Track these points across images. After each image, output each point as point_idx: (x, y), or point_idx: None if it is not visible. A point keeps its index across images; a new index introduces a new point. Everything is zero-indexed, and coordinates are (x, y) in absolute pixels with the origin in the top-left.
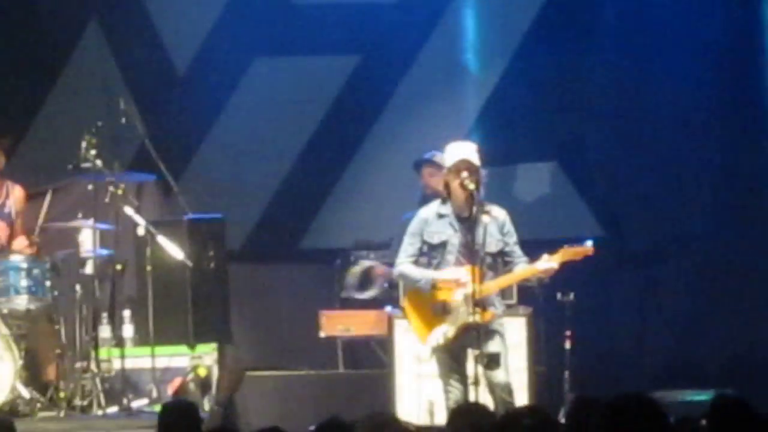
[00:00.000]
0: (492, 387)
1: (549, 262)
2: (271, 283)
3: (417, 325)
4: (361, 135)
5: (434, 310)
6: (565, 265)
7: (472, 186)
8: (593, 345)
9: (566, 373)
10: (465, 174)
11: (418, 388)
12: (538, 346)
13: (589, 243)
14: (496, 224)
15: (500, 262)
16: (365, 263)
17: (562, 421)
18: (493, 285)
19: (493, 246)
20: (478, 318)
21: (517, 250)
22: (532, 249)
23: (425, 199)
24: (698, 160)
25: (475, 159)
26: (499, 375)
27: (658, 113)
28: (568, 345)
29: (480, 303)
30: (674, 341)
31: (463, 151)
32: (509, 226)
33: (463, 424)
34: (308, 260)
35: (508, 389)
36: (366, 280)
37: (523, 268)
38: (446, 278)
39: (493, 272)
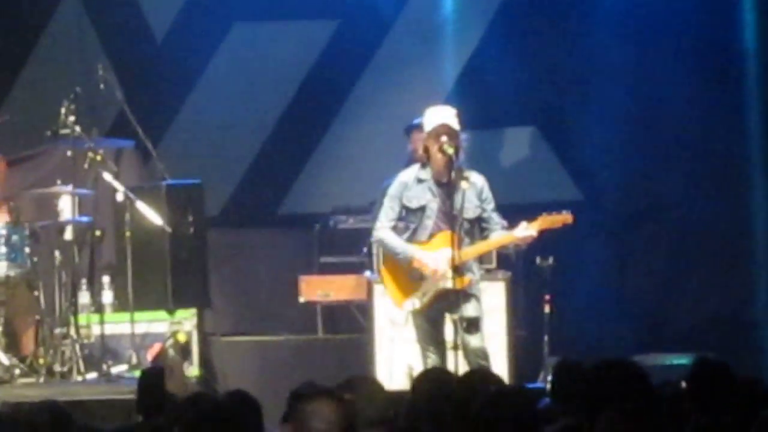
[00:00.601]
0: (467, 352)
1: (527, 230)
2: (250, 248)
3: (393, 290)
4: (339, 100)
5: (411, 275)
6: (543, 233)
7: (451, 150)
8: (572, 309)
9: (545, 338)
10: (444, 138)
11: (398, 353)
12: (517, 311)
13: (568, 212)
14: (475, 190)
15: (477, 228)
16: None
17: (542, 385)
18: (471, 251)
19: (470, 212)
20: (455, 283)
21: (495, 217)
22: (511, 213)
23: (413, 164)
24: (676, 129)
25: (455, 123)
26: (475, 340)
27: (637, 81)
28: (547, 309)
29: (458, 269)
30: (653, 305)
31: (442, 115)
32: (487, 193)
33: (425, 389)
34: (287, 225)
35: (483, 354)
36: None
37: (502, 235)
38: (424, 263)
39: (470, 238)
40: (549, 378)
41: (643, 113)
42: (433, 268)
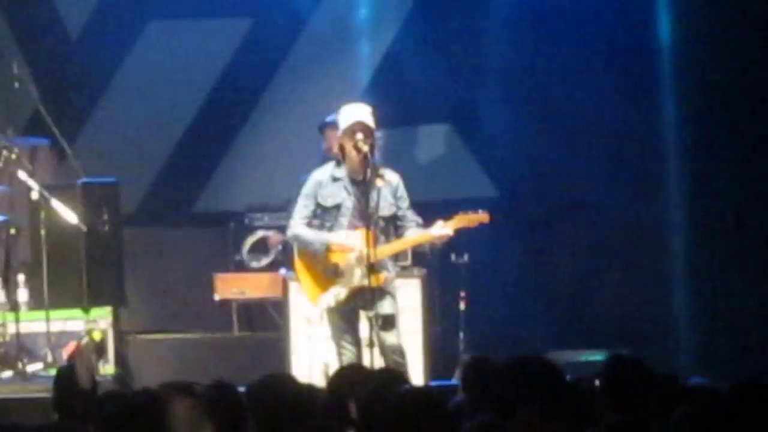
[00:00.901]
0: (384, 349)
1: (444, 228)
2: (165, 246)
3: (308, 287)
4: (255, 97)
5: (326, 272)
6: (459, 231)
7: (366, 148)
8: (488, 306)
9: (461, 335)
10: (359, 136)
11: (313, 350)
12: (433, 308)
13: (485, 212)
14: (390, 188)
15: (392, 226)
16: (259, 234)
17: (456, 381)
18: (387, 249)
19: (386, 210)
20: (371, 281)
21: (410, 215)
22: (427, 211)
23: (327, 162)
24: (592, 125)
25: (370, 121)
26: (391, 337)
27: (552, 77)
28: (462, 306)
29: (373, 266)
30: (569, 302)
31: (357, 112)
32: (402, 191)
33: (341, 384)
34: (202, 223)
35: (400, 351)
36: (260, 248)
37: (418, 234)
38: (340, 242)
39: (385, 236)
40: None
41: (557, 110)
42: (351, 245)
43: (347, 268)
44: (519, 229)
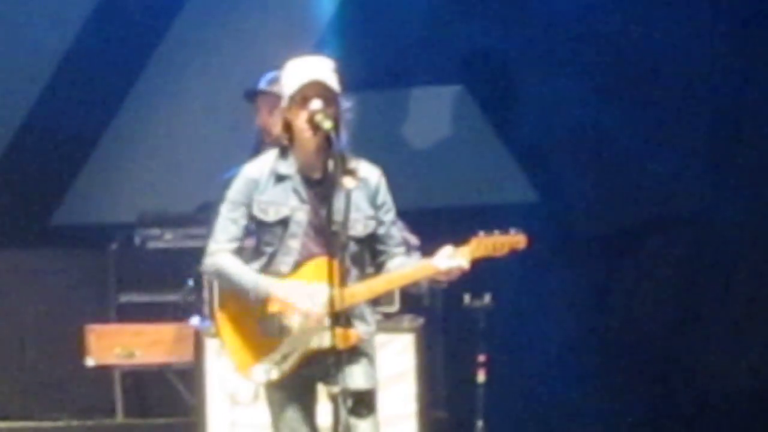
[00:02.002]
0: None
1: (454, 259)
2: (7, 280)
3: (237, 348)
4: (146, 48)
5: (265, 326)
6: (478, 263)
7: (327, 124)
8: (521, 378)
9: (479, 423)
10: (316, 105)
11: None
12: (435, 379)
13: (520, 232)
14: (366, 191)
15: (369, 250)
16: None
17: None
18: (362, 291)
19: (360, 226)
20: (336, 340)
21: (395, 233)
22: (425, 222)
23: (264, 149)
24: (692, 105)
25: (333, 81)
26: (365, 425)
27: (631, 31)
28: (482, 377)
29: (341, 317)
30: (651, 370)
31: (311, 69)
32: (385, 195)
33: None
34: (64, 244)
35: None
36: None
37: (412, 266)
38: (290, 301)
39: (359, 267)
40: None
41: (640, 81)
42: (304, 309)
43: (298, 322)
44: (572, 256)
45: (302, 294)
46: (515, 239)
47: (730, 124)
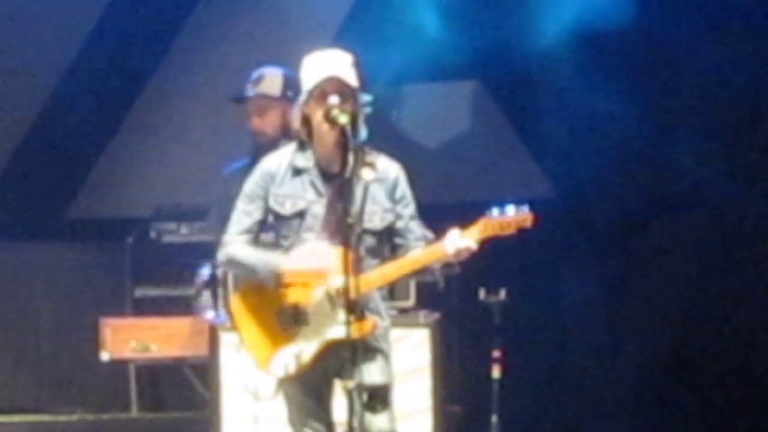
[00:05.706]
0: None
1: (462, 239)
2: (23, 274)
3: (254, 343)
4: (161, 47)
5: (282, 318)
6: (487, 243)
7: (343, 119)
8: (537, 373)
9: (494, 418)
10: (334, 100)
11: None
12: (450, 374)
13: (525, 209)
14: (385, 185)
15: (387, 244)
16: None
17: None
18: (377, 277)
19: (377, 219)
20: (352, 330)
21: (415, 228)
22: (440, 217)
23: (260, 151)
24: (709, 90)
25: (350, 77)
26: (380, 420)
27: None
28: (497, 372)
29: (356, 306)
30: (671, 365)
31: (329, 65)
32: (404, 189)
33: None
34: (80, 238)
35: None
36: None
37: (424, 251)
38: (301, 267)
39: (377, 259)
40: None
41: (657, 69)
42: (316, 269)
43: (314, 311)
44: (588, 251)
45: (306, 256)
46: (522, 217)
47: (746, 111)
